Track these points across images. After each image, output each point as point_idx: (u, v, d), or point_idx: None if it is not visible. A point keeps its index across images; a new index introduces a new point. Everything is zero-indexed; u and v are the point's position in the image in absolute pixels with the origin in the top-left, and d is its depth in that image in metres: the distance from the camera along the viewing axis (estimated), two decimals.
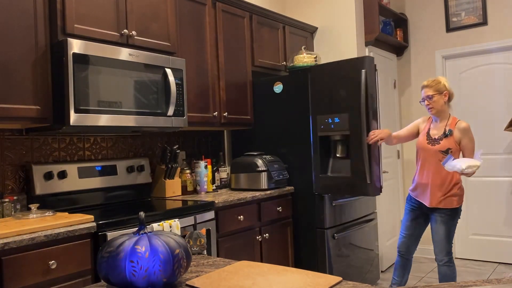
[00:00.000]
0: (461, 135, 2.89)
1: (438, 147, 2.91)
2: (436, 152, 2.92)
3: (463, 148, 2.90)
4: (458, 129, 2.90)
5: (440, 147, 2.90)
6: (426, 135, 2.99)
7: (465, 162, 2.63)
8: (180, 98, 2.75)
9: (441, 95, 2.93)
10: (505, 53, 4.36)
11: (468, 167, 2.62)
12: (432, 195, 2.94)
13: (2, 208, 2.20)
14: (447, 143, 2.89)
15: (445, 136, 2.91)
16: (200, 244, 1.56)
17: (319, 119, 3.24)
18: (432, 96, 2.93)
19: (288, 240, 3.31)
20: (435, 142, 2.93)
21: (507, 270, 4.17)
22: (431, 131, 2.99)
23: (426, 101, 2.96)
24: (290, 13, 4.44)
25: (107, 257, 1.09)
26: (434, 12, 4.71)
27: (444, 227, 2.93)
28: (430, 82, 2.98)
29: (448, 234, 2.93)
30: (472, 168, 2.63)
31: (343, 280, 1.17)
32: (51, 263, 1.85)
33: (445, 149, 2.89)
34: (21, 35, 2.13)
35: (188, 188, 3.14)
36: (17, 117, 2.10)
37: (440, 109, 2.95)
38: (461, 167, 2.63)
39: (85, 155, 2.75)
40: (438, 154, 2.92)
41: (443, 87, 2.94)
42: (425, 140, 2.99)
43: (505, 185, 4.38)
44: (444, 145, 2.89)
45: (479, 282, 1.11)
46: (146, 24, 2.67)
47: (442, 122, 2.98)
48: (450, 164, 2.67)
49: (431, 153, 2.94)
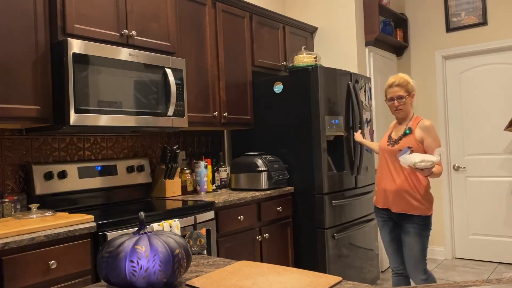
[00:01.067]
0: (424, 134, 2.61)
1: (397, 147, 2.67)
2: (397, 153, 2.66)
3: (427, 148, 2.60)
4: (421, 127, 2.62)
5: (399, 147, 2.65)
6: (388, 138, 2.78)
7: (419, 156, 2.37)
8: (180, 98, 2.75)
9: (410, 97, 2.70)
10: (505, 53, 4.36)
11: (421, 161, 2.34)
12: (399, 200, 2.65)
13: (2, 208, 2.20)
14: (406, 142, 2.64)
15: (404, 135, 2.67)
16: (200, 244, 1.56)
17: (321, 119, 3.24)
18: (403, 97, 2.66)
19: (288, 240, 3.31)
20: (395, 143, 2.70)
21: (507, 270, 4.17)
22: (392, 134, 2.77)
23: (396, 101, 2.68)
24: (290, 13, 4.44)
25: (107, 257, 1.09)
26: (434, 12, 4.71)
27: (419, 239, 2.61)
28: (401, 80, 2.68)
29: (422, 248, 2.63)
30: (426, 163, 2.33)
31: (343, 280, 1.17)
32: (51, 263, 1.85)
33: (404, 148, 2.65)
34: (21, 35, 2.13)
35: (188, 188, 3.14)
36: (17, 117, 2.11)
37: (407, 111, 2.72)
38: (414, 160, 2.36)
39: (85, 155, 2.75)
40: (397, 154, 2.67)
41: (412, 87, 2.70)
42: (385, 142, 2.77)
43: (505, 185, 4.38)
44: (403, 144, 2.64)
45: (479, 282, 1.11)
46: (146, 24, 2.67)
47: (404, 124, 2.74)
48: (405, 157, 2.41)
49: (392, 154, 2.69)
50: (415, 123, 2.67)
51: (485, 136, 4.47)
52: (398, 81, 2.67)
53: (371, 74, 4.29)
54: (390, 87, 2.71)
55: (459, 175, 4.62)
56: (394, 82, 2.68)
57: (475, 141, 4.53)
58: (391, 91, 2.70)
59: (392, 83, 2.70)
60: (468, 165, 4.57)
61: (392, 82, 2.70)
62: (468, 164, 4.57)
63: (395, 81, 2.68)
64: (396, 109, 2.70)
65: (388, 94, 2.73)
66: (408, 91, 2.68)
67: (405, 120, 2.74)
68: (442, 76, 4.68)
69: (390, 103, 2.72)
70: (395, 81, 2.68)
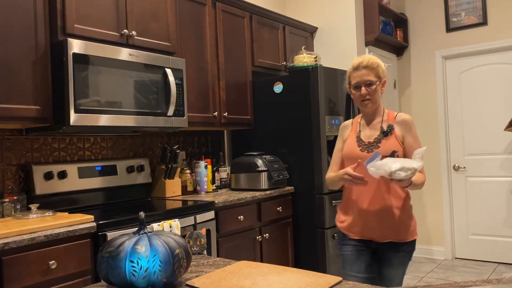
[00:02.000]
0: (403, 131, 2.01)
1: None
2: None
3: (408, 150, 1.99)
4: (399, 123, 2.02)
5: (383, 152, 1.93)
6: (357, 140, 2.06)
7: (396, 162, 1.75)
8: (180, 98, 2.75)
9: (381, 84, 2.04)
10: (505, 53, 4.35)
11: (400, 168, 1.71)
12: (388, 226, 1.99)
13: (2, 208, 2.20)
14: (391, 145, 1.98)
15: (384, 134, 2.00)
16: (200, 244, 1.56)
17: (321, 119, 3.24)
18: (374, 83, 1.99)
19: (288, 240, 3.31)
20: (372, 146, 2.00)
21: (507, 270, 4.17)
22: (362, 134, 2.07)
23: (363, 89, 2.00)
24: (290, 13, 4.44)
25: (107, 257, 1.09)
26: (434, 12, 4.71)
27: (402, 270, 2.05)
28: (371, 61, 2.02)
29: (402, 278, 2.08)
30: (406, 171, 1.72)
31: (343, 280, 1.17)
32: (51, 263, 1.85)
33: (390, 153, 1.97)
34: (21, 35, 2.13)
35: (188, 188, 3.14)
36: (17, 117, 2.10)
37: (378, 102, 2.06)
38: (389, 169, 1.71)
39: (85, 155, 2.75)
40: None
41: (383, 72, 2.05)
42: (355, 146, 2.04)
43: (505, 185, 4.38)
44: (388, 148, 1.97)
45: (479, 282, 1.11)
46: (146, 24, 2.67)
47: (376, 120, 2.07)
48: (375, 164, 1.76)
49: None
50: (391, 118, 2.05)
51: (485, 136, 4.47)
52: (367, 62, 2.02)
53: None
54: (355, 70, 2.03)
55: (459, 175, 4.62)
56: (362, 63, 2.02)
57: (475, 141, 4.52)
58: (357, 75, 2.02)
59: (358, 64, 2.03)
60: (468, 165, 4.57)
61: (359, 63, 2.03)
62: (468, 164, 4.57)
63: (362, 62, 2.02)
64: (364, 99, 2.01)
65: (353, 79, 2.04)
66: (378, 76, 2.02)
67: (376, 115, 2.08)
68: (442, 76, 4.67)
69: (355, 92, 2.03)
70: (363, 61, 2.02)
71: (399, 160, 1.78)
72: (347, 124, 2.20)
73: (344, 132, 2.18)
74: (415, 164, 1.74)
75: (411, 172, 1.72)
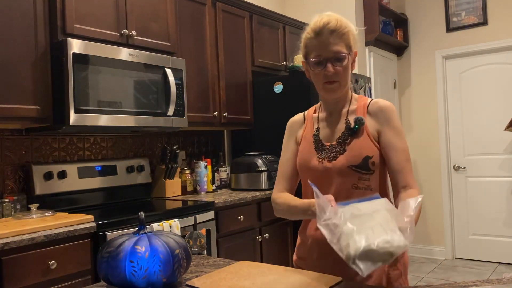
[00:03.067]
0: (379, 124, 1.35)
1: (344, 160, 1.32)
2: (343, 173, 1.33)
3: (387, 151, 1.32)
4: (372, 113, 1.36)
5: (351, 159, 1.32)
6: (314, 143, 1.41)
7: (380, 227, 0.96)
8: (180, 98, 2.75)
9: (352, 57, 1.38)
10: (505, 53, 4.35)
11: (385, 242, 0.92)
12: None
13: (2, 208, 2.20)
14: (361, 147, 1.33)
15: (351, 132, 1.35)
16: (200, 244, 1.56)
17: None
18: (345, 56, 1.32)
19: (288, 240, 3.31)
20: (335, 151, 1.35)
21: (507, 270, 4.17)
22: (321, 132, 1.42)
23: (330, 65, 1.31)
24: (290, 13, 4.44)
25: (107, 257, 1.09)
26: (434, 12, 4.71)
27: None
28: (339, 24, 1.34)
29: None
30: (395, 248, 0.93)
31: (343, 280, 1.17)
32: (51, 263, 1.85)
33: (361, 160, 1.31)
34: (21, 35, 2.13)
35: (188, 188, 3.14)
36: (17, 117, 2.10)
37: (348, 85, 1.39)
38: (359, 246, 0.93)
39: (85, 155, 2.75)
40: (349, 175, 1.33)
41: (354, 40, 1.38)
42: (312, 153, 1.40)
43: (505, 185, 4.38)
44: (357, 153, 1.32)
45: (479, 282, 1.11)
46: (146, 24, 2.67)
47: (341, 110, 1.42)
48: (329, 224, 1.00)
49: (332, 176, 1.34)
50: (362, 107, 1.39)
51: (485, 136, 4.47)
52: (335, 24, 1.33)
53: (371, 74, 4.28)
54: (317, 36, 1.33)
55: (459, 175, 4.62)
56: (328, 26, 1.33)
57: (475, 141, 4.52)
58: (320, 43, 1.33)
59: (322, 27, 1.33)
60: (468, 165, 4.57)
61: (323, 25, 1.33)
62: (468, 164, 4.57)
63: (328, 24, 1.33)
64: (329, 81, 1.33)
65: (313, 50, 1.35)
66: (349, 46, 1.35)
67: (341, 104, 1.42)
68: (442, 76, 4.67)
69: (316, 70, 1.34)
70: (329, 23, 1.33)
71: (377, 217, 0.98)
72: (297, 120, 1.55)
73: (295, 131, 1.54)
74: (399, 240, 0.93)
75: (399, 252, 0.92)
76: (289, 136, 1.55)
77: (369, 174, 1.31)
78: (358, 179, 1.32)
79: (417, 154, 4.82)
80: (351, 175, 1.32)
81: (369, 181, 1.32)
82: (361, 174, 1.31)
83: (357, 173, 1.32)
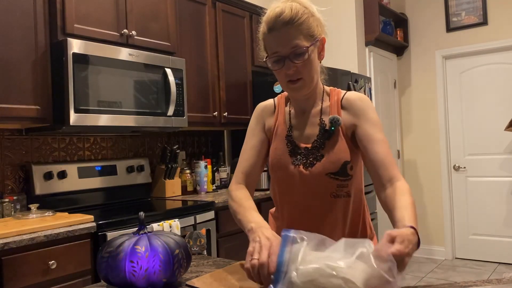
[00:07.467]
0: (354, 119, 1.25)
1: (321, 168, 1.24)
2: (321, 181, 1.25)
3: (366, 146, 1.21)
4: (346, 108, 1.27)
5: (329, 166, 1.23)
6: (288, 143, 1.30)
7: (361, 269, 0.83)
8: (180, 98, 2.75)
9: (315, 47, 1.23)
10: (505, 53, 4.35)
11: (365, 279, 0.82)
12: None
13: (2, 208, 2.20)
14: (339, 151, 1.23)
15: (327, 134, 1.25)
16: (200, 244, 1.56)
17: None
18: (305, 49, 1.18)
19: None
20: (312, 157, 1.26)
21: (507, 270, 4.17)
22: (295, 133, 1.31)
23: (288, 63, 1.19)
24: None
25: (107, 257, 1.08)
26: (434, 12, 4.71)
27: None
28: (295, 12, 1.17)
29: None
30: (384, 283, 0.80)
31: None
32: (51, 263, 1.85)
33: (339, 167, 1.23)
34: (21, 35, 2.13)
35: (188, 188, 3.14)
36: (17, 117, 2.10)
37: (316, 79, 1.27)
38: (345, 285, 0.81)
39: (85, 155, 2.75)
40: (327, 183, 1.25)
41: (319, 25, 1.25)
42: (286, 155, 1.30)
43: (505, 185, 4.38)
44: (335, 158, 1.23)
45: (479, 282, 1.11)
46: (146, 24, 2.67)
47: (312, 108, 1.31)
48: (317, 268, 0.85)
49: (308, 183, 1.27)
50: (336, 102, 1.29)
51: (485, 136, 4.47)
52: (289, 14, 1.16)
53: (371, 74, 4.28)
54: (271, 31, 1.19)
55: (459, 175, 4.62)
56: (281, 18, 1.16)
57: (475, 141, 4.52)
58: (276, 39, 1.19)
59: (275, 20, 1.17)
60: (468, 165, 4.57)
61: (276, 17, 1.17)
62: (468, 164, 4.57)
63: (282, 15, 1.16)
64: (291, 80, 1.22)
65: (269, 47, 1.22)
66: (311, 35, 1.21)
67: (312, 100, 1.31)
68: (442, 76, 4.67)
69: (276, 70, 1.22)
70: (282, 13, 1.16)
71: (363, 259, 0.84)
72: (267, 106, 1.40)
73: (263, 117, 1.39)
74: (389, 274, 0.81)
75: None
76: (257, 122, 1.41)
77: (347, 180, 1.25)
78: (336, 186, 1.24)
79: (417, 154, 4.82)
80: (329, 183, 1.24)
81: (347, 187, 1.26)
82: (339, 181, 1.24)
83: (335, 180, 1.24)
